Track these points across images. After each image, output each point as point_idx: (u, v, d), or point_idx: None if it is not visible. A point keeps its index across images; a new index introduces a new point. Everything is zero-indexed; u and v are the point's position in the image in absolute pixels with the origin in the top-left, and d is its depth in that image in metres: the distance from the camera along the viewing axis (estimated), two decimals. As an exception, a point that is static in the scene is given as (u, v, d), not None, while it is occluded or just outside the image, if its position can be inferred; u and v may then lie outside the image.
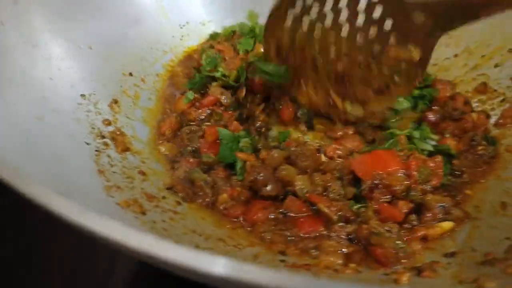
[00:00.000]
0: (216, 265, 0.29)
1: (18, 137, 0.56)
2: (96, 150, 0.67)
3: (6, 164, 0.36)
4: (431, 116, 0.81)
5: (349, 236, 0.60)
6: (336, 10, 0.69)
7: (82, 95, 0.75)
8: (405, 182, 0.64)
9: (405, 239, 0.59)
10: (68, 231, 0.71)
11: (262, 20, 1.07)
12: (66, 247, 0.72)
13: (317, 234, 0.60)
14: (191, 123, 0.82)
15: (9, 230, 0.76)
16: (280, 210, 0.63)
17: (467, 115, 0.81)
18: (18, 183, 0.33)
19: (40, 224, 0.77)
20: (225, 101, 0.84)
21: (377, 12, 0.67)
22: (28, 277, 0.68)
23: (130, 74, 0.88)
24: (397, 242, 0.56)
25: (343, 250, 0.58)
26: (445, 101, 0.83)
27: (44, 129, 0.62)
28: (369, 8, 0.67)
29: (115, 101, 0.80)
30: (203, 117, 0.83)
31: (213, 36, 1.04)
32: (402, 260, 0.55)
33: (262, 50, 0.90)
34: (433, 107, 0.82)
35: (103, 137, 0.71)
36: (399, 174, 0.65)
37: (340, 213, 0.62)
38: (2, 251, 0.73)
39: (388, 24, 0.68)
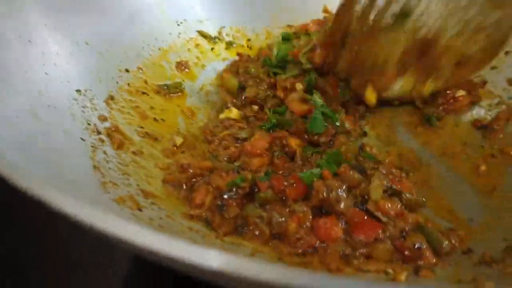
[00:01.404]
0: (209, 258, 0.28)
1: (13, 132, 0.55)
2: (92, 146, 0.66)
3: (3, 158, 0.36)
4: None
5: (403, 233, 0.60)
6: None
7: (78, 91, 0.74)
8: None
9: None
10: (60, 225, 0.73)
11: (258, 23, 1.10)
12: (58, 242, 0.71)
13: (375, 238, 0.59)
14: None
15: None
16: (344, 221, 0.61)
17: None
18: (18, 179, 0.32)
19: (30, 219, 0.77)
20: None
21: None
22: (20, 273, 0.68)
23: (127, 71, 0.87)
24: None
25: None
26: None
27: (39, 124, 0.61)
28: None
29: (111, 97, 0.79)
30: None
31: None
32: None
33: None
34: None
35: (99, 133, 0.70)
36: None
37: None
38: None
39: None
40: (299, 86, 0.84)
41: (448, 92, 0.85)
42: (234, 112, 0.88)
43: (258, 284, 0.27)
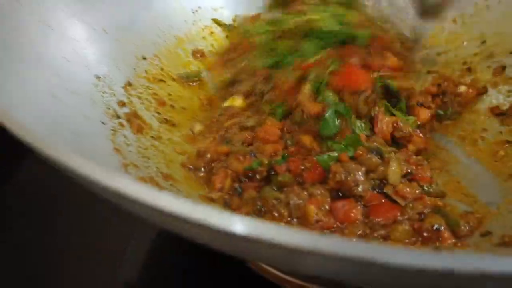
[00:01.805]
0: (236, 223, 0.28)
1: (37, 113, 0.56)
2: (112, 130, 0.67)
3: (31, 131, 0.37)
4: None
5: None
6: None
7: (97, 77, 0.75)
8: None
9: None
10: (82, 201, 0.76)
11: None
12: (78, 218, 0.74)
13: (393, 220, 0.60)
14: None
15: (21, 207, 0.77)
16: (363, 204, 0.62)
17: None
18: (48, 148, 0.33)
19: (48, 199, 0.81)
20: None
21: None
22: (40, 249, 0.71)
23: (144, 58, 0.88)
24: None
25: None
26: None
27: (61, 107, 0.62)
28: None
29: (129, 84, 0.80)
30: None
31: None
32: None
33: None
34: None
35: (118, 117, 0.71)
36: None
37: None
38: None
39: None
40: (306, 88, 0.74)
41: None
42: (238, 101, 0.85)
43: (289, 250, 0.27)
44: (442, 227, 0.57)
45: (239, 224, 0.28)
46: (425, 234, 0.57)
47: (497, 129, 0.78)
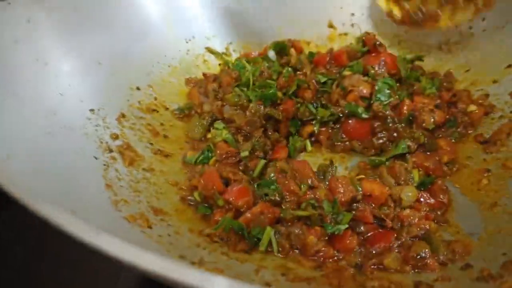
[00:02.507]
0: (217, 285, 0.31)
1: (28, 152, 0.58)
2: (104, 164, 0.69)
3: (20, 184, 0.39)
4: None
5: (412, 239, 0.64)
6: None
7: (91, 110, 0.77)
8: None
9: None
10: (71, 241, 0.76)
11: (265, 38, 1.11)
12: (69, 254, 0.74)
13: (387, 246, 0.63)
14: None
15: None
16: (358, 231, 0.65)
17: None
18: (34, 204, 0.35)
19: (41, 231, 0.78)
20: None
21: None
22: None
23: (138, 89, 0.90)
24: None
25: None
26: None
27: (54, 144, 0.64)
28: None
29: (123, 115, 0.82)
30: None
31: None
32: None
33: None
34: None
35: (111, 151, 0.73)
36: None
37: None
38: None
39: None
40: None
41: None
42: (223, 133, 0.83)
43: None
44: (427, 254, 0.60)
45: (218, 285, 0.30)
46: (411, 262, 0.60)
47: (481, 156, 0.80)
